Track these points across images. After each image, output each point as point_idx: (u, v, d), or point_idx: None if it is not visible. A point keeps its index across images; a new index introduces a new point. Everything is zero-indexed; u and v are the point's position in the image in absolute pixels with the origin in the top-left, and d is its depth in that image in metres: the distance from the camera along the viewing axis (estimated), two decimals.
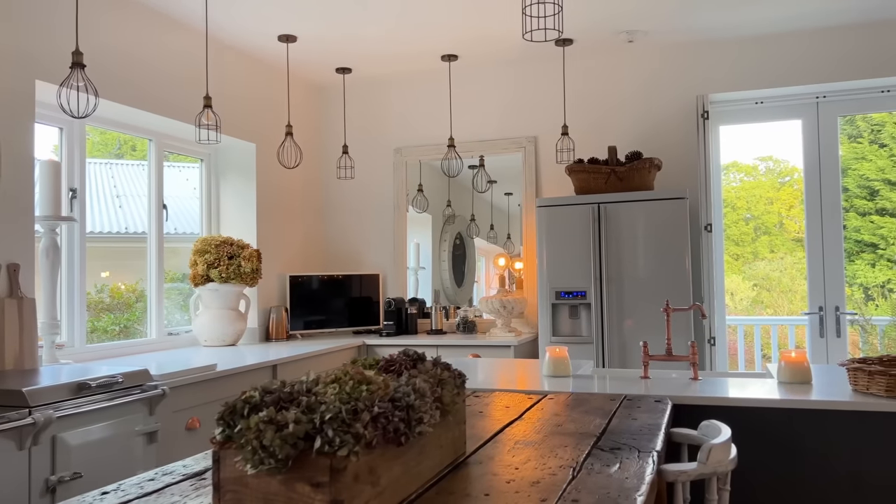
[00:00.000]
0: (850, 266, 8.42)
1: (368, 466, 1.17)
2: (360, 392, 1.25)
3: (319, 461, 1.09)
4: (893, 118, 8.37)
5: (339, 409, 1.13)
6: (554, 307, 4.23)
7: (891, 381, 2.20)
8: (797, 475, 2.24)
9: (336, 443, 1.09)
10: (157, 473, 1.51)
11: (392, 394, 1.27)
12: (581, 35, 4.32)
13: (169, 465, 1.59)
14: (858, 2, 3.88)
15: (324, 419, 1.12)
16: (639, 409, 2.15)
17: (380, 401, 1.22)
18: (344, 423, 1.12)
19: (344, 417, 1.12)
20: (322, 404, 1.15)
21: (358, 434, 1.12)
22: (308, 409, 1.15)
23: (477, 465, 1.55)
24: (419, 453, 1.38)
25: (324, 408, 1.14)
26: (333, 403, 1.15)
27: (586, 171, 4.26)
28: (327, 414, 1.12)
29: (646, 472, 1.48)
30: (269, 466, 1.09)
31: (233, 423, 1.16)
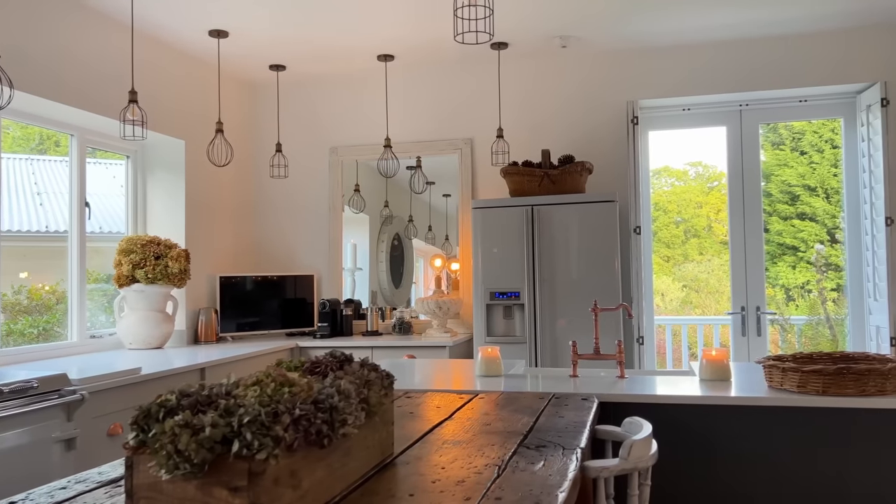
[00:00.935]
0: (773, 268, 8.81)
1: (289, 469, 1.15)
2: (281, 394, 1.23)
3: (237, 465, 1.07)
4: (813, 127, 8.80)
5: (258, 411, 1.11)
6: (489, 308, 4.27)
7: (803, 378, 2.31)
8: (716, 468, 2.32)
9: (255, 446, 1.07)
10: (70, 481, 1.45)
11: (315, 396, 1.26)
12: (516, 39, 4.38)
13: (84, 472, 1.53)
14: (778, 16, 4.06)
15: (242, 422, 1.09)
16: (566, 406, 2.19)
17: (302, 403, 1.21)
18: (263, 426, 1.10)
19: (263, 420, 1.10)
20: (241, 407, 1.13)
21: (277, 437, 1.10)
22: (226, 413, 1.13)
23: (404, 465, 1.55)
24: (344, 455, 1.37)
25: (242, 410, 1.11)
26: (253, 406, 1.13)
27: (520, 173, 4.31)
28: (246, 417, 1.10)
29: (569, 468, 1.51)
30: (184, 471, 1.07)
31: (147, 428, 1.13)
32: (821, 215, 8.69)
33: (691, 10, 3.97)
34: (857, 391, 2.24)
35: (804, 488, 2.26)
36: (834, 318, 6.73)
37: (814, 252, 8.12)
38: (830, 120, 5.48)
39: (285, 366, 1.52)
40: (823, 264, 8.10)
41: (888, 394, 2.25)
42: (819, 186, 8.85)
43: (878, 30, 4.27)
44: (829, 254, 8.18)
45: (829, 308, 7.16)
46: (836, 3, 3.91)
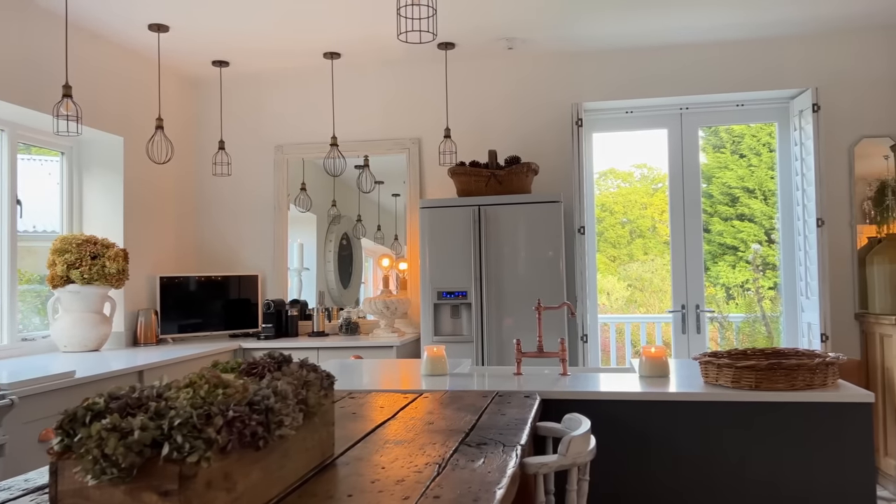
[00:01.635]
0: (714, 267, 9.08)
1: (223, 472, 1.13)
2: (215, 396, 1.21)
3: (168, 469, 1.05)
4: (752, 130, 9.09)
5: (190, 413, 1.09)
6: (436, 307, 4.27)
7: (736, 373, 2.38)
8: (654, 462, 2.38)
9: (185, 449, 1.05)
10: None
11: (251, 397, 1.24)
12: (463, 40, 4.40)
13: (9, 479, 1.47)
14: (716, 22, 4.19)
15: (173, 425, 1.07)
16: (509, 404, 2.21)
17: (236, 404, 1.19)
18: (195, 429, 1.08)
19: (195, 422, 1.08)
20: (172, 409, 1.11)
21: (210, 439, 1.08)
22: (157, 415, 1.10)
23: (344, 465, 1.54)
24: (282, 456, 1.35)
25: (174, 413, 1.09)
26: (185, 408, 1.11)
27: (468, 173, 4.33)
28: (177, 419, 1.08)
29: (508, 465, 1.53)
30: (111, 476, 1.04)
31: (73, 432, 1.09)
32: (759, 216, 9.00)
33: (633, 15, 4.06)
34: (787, 385, 2.33)
35: (737, 480, 2.33)
36: (769, 316, 6.98)
37: (751, 252, 8.40)
38: (767, 124, 5.68)
39: (221, 367, 1.49)
40: (761, 264, 8.39)
41: (816, 387, 2.34)
42: (757, 188, 9.16)
43: (809, 38, 4.44)
44: (767, 254, 8.48)
45: (765, 306, 7.41)
46: (770, 12, 4.05)
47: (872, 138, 4.36)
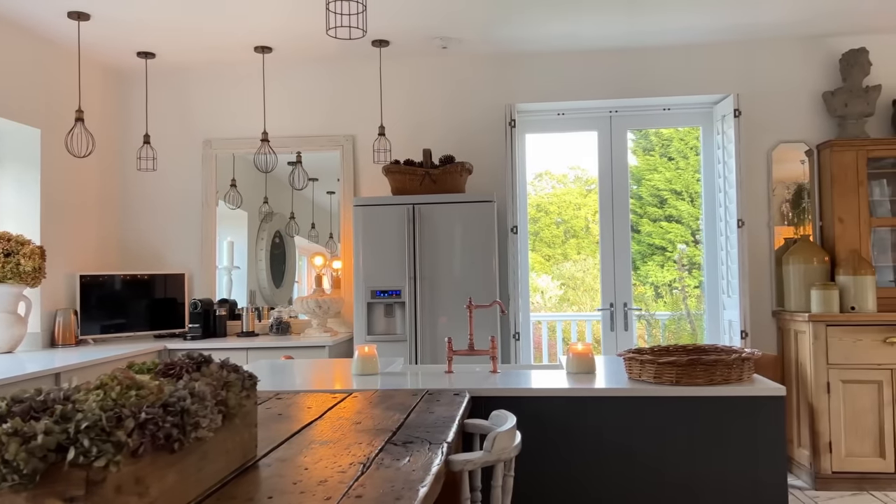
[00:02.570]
0: (644, 267, 9.34)
1: (134, 476, 1.10)
2: (127, 398, 1.17)
3: (74, 474, 1.01)
4: (680, 134, 9.39)
5: (98, 416, 1.05)
6: (370, 306, 4.25)
7: (658, 369, 2.46)
8: (579, 456, 2.43)
9: (93, 453, 1.01)
10: None
11: (166, 399, 1.20)
12: (397, 38, 4.39)
13: None
14: (644, 28, 4.31)
15: (80, 428, 1.03)
16: (438, 402, 2.22)
17: (149, 406, 1.15)
18: (104, 432, 1.04)
19: (104, 425, 1.04)
20: (80, 412, 1.06)
21: (119, 442, 1.04)
22: (63, 418, 1.06)
23: (266, 467, 1.52)
24: (200, 459, 1.32)
25: (81, 416, 1.05)
26: (93, 411, 1.07)
27: (402, 172, 4.33)
28: (84, 422, 1.03)
29: (433, 463, 1.53)
30: (12, 483, 0.99)
31: None
32: (686, 218, 9.31)
33: (564, 19, 4.13)
34: (705, 380, 2.42)
35: (658, 472, 2.40)
36: (694, 314, 7.24)
37: (677, 252, 8.69)
38: (692, 128, 5.88)
39: (136, 368, 1.44)
40: (687, 263, 8.68)
41: (732, 382, 2.44)
42: (684, 191, 9.48)
43: (731, 46, 4.62)
44: (692, 254, 8.79)
45: (690, 304, 7.69)
46: (694, 18, 4.19)
47: (789, 143, 4.57)
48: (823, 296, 4.01)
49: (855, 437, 3.89)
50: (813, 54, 4.56)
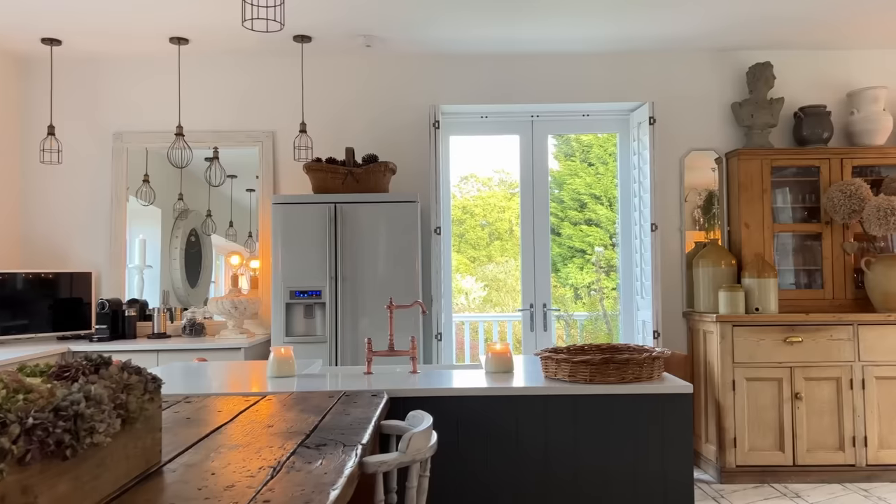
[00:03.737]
0: (564, 269, 9.55)
1: (21, 485, 1.03)
2: (14, 402, 1.09)
3: None
4: (599, 141, 9.66)
5: None
6: (288, 307, 4.16)
7: (573, 368, 2.51)
8: (497, 455, 2.45)
9: None
10: None
11: (57, 403, 1.13)
12: (319, 34, 4.32)
13: None
14: (565, 36, 4.40)
15: None
16: (355, 404, 2.19)
17: (37, 411, 1.08)
18: None
19: None
20: None
21: (3, 450, 0.98)
22: None
23: (171, 473, 1.45)
24: (97, 466, 1.25)
25: None
26: None
27: (324, 170, 4.26)
28: None
29: (346, 465, 1.50)
30: None
31: None
32: (604, 222, 9.58)
33: (488, 23, 4.17)
34: (618, 378, 2.49)
35: (572, 469, 2.45)
36: (610, 314, 7.46)
37: (595, 255, 8.93)
38: (610, 134, 6.05)
39: (28, 371, 1.35)
40: (605, 266, 8.93)
41: (643, 380, 2.51)
42: (603, 195, 9.75)
43: (648, 55, 4.78)
44: (610, 256, 9.05)
45: (607, 305, 7.91)
46: (612, 27, 4.31)
47: (700, 151, 4.76)
48: (730, 297, 4.20)
49: (757, 432, 4.09)
50: (723, 67, 4.77)
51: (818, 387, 4.09)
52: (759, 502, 3.76)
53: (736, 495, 3.88)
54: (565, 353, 2.69)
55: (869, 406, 4.07)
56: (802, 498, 3.81)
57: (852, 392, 4.07)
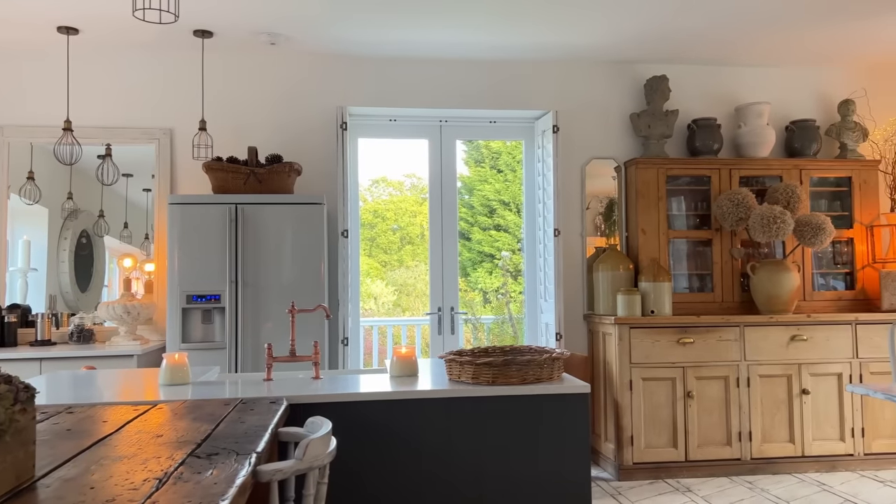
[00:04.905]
0: (474, 273, 9.66)
1: None
2: None
3: None
4: (508, 148, 9.84)
5: None
6: (185, 312, 3.99)
7: (476, 370, 2.53)
8: (400, 459, 2.43)
9: None
10: None
11: None
12: (222, 29, 4.18)
13: None
14: (473, 42, 4.45)
15: None
16: (252, 411, 2.12)
17: None
18: None
19: None
20: None
21: None
22: None
23: (45, 488, 1.35)
24: None
25: None
26: None
27: (225, 169, 4.12)
28: None
29: (238, 475, 1.45)
30: None
31: None
32: (512, 227, 9.76)
33: (395, 26, 4.16)
34: (519, 380, 2.52)
35: (475, 471, 2.47)
36: (516, 317, 7.60)
37: (501, 259, 9.09)
38: (517, 141, 6.17)
39: None
40: (513, 270, 9.10)
41: (544, 381, 2.56)
42: (511, 201, 9.94)
43: (552, 64, 4.90)
44: (517, 261, 9.23)
45: (513, 308, 8.06)
46: (518, 36, 4.40)
47: (601, 159, 4.93)
48: (627, 300, 4.36)
49: (653, 430, 4.26)
50: (623, 78, 4.96)
51: (708, 385, 4.31)
52: (653, 497, 3.91)
53: (632, 492, 4.02)
54: (469, 355, 2.71)
55: (753, 403, 4.32)
56: (693, 492, 4.00)
57: (738, 390, 4.32)
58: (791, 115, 5.03)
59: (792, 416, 4.34)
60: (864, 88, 5.05)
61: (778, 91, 5.05)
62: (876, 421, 4.38)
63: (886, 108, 5.03)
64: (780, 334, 4.36)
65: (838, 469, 4.35)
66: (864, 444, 4.36)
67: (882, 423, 4.38)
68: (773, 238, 4.38)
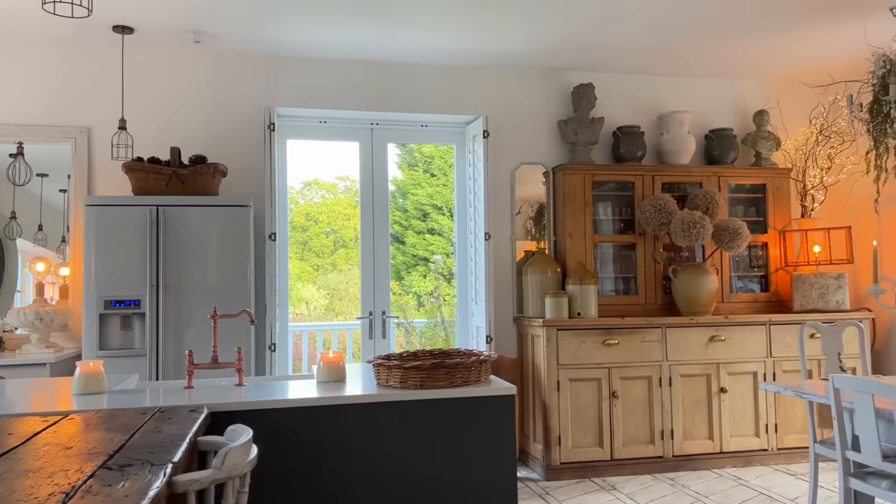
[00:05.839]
0: (408, 277, 9.64)
1: None
2: None
3: None
4: (441, 152, 9.88)
5: None
6: (103, 318, 3.83)
7: (404, 374, 2.52)
8: (327, 466, 2.40)
9: None
10: None
11: None
12: (143, 25, 4.04)
13: None
14: (405, 45, 4.45)
15: None
16: (169, 420, 2.05)
17: None
18: None
19: None
20: None
21: None
22: None
23: None
24: None
25: None
26: None
27: (146, 170, 3.98)
28: None
29: (152, 486, 1.40)
30: None
31: None
32: (446, 231, 9.80)
33: (324, 27, 4.12)
34: (447, 383, 2.53)
35: (403, 475, 2.46)
36: (448, 320, 7.63)
37: (434, 262, 9.11)
38: (449, 146, 6.19)
39: None
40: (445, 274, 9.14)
41: (471, 383, 2.58)
42: (444, 205, 9.98)
43: (482, 70, 4.95)
44: (451, 265, 9.27)
45: (445, 311, 8.09)
46: (447, 41, 4.42)
47: (530, 165, 5.01)
48: (555, 303, 4.44)
49: (580, 430, 4.35)
50: (551, 85, 5.06)
51: (632, 385, 4.43)
52: (580, 496, 3.99)
53: (560, 491, 4.09)
54: (397, 359, 2.70)
55: (675, 402, 4.47)
56: (618, 490, 4.10)
57: (661, 389, 4.45)
58: (710, 124, 5.23)
59: (711, 414, 4.51)
60: (778, 100, 5.31)
61: (698, 101, 5.26)
62: (788, 417, 4.60)
63: (797, 118, 5.30)
64: (699, 335, 4.52)
65: (753, 464, 4.55)
66: (777, 439, 4.57)
67: (793, 418, 4.60)
68: (693, 242, 4.54)
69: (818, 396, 2.99)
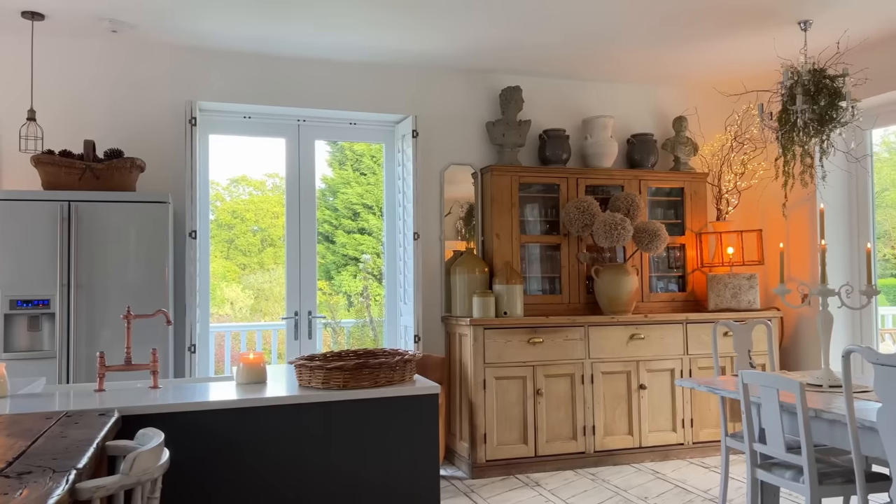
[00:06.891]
0: (338, 276, 9.53)
1: None
2: None
3: None
4: (371, 151, 9.81)
5: None
6: (8, 318, 3.63)
7: (327, 374, 2.49)
8: (247, 469, 2.34)
9: None
10: None
11: None
12: (56, 12, 3.85)
13: None
14: (334, 42, 4.40)
15: None
16: (76, 425, 1.96)
17: None
18: None
19: None
20: None
21: None
22: None
23: None
24: None
25: None
26: None
27: (57, 164, 3.79)
28: None
29: (52, 494, 1.33)
30: None
31: None
32: (375, 231, 9.75)
33: (248, 21, 4.02)
34: (371, 383, 2.52)
35: (327, 477, 2.43)
36: (377, 320, 7.59)
37: (363, 262, 9.06)
38: (378, 144, 6.16)
39: None
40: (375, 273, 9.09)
41: (395, 383, 2.57)
42: (375, 205, 9.92)
43: (412, 70, 4.95)
44: (380, 264, 9.23)
45: (374, 311, 8.05)
46: (374, 39, 4.40)
47: (459, 165, 5.04)
48: (482, 302, 4.48)
49: (505, 427, 4.41)
50: (479, 87, 5.10)
51: (556, 383, 4.52)
52: (504, 493, 4.04)
53: (485, 489, 4.13)
54: (320, 360, 2.67)
55: (597, 398, 4.58)
56: (542, 486, 4.17)
57: (583, 386, 4.56)
58: (632, 129, 5.39)
59: (631, 410, 4.65)
60: (696, 107, 5.52)
61: (621, 106, 5.41)
62: (703, 412, 4.79)
63: (714, 125, 5.52)
64: (620, 333, 4.66)
65: (671, 458, 4.72)
66: (693, 433, 4.76)
67: (708, 413, 4.80)
68: (614, 243, 4.67)
69: (729, 392, 3.13)
